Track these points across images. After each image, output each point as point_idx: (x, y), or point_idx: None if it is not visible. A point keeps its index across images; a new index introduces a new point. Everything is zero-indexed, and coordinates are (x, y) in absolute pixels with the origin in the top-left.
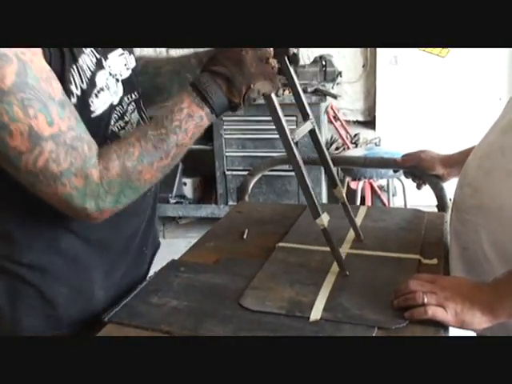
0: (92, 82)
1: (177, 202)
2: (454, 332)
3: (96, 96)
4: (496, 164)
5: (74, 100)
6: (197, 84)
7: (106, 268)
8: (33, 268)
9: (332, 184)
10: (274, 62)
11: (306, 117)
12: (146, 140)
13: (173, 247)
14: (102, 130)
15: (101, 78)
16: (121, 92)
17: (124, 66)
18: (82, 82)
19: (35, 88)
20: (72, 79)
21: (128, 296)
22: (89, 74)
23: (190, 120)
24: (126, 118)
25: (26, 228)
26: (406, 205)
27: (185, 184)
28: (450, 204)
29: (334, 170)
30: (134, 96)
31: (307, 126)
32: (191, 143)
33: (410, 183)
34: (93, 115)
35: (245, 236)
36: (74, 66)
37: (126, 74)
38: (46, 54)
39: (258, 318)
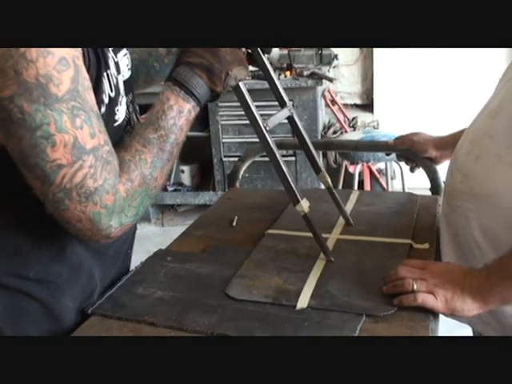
0: (117, 89)
1: (175, 190)
2: (444, 321)
3: (120, 103)
4: (485, 149)
5: (103, 109)
6: (178, 78)
7: (101, 275)
8: (39, 282)
9: (315, 170)
10: (243, 48)
11: (282, 104)
12: (151, 145)
13: (171, 235)
14: (120, 138)
15: (121, 84)
16: (125, 94)
17: (126, 66)
18: (112, 90)
19: (82, 97)
20: (103, 88)
21: (113, 287)
22: (114, 80)
23: (181, 116)
24: (132, 122)
25: (34, 239)
26: (404, 188)
27: (182, 171)
28: (442, 187)
29: (332, 154)
30: (131, 97)
31: (283, 114)
32: (185, 135)
33: (408, 166)
34: (115, 124)
35: (234, 223)
36: (105, 74)
37: (127, 74)
38: (85, 61)
39: (243, 307)
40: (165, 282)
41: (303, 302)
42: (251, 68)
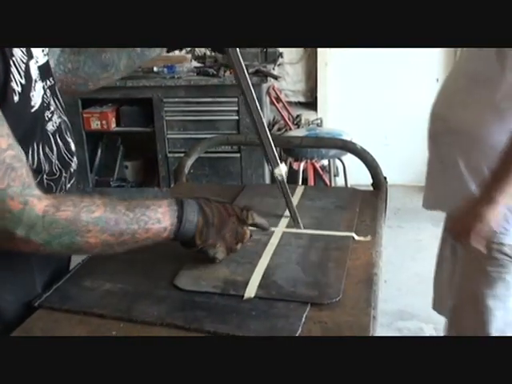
0: (28, 75)
1: (118, 186)
2: (383, 313)
3: (34, 89)
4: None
5: (16, 98)
6: (184, 204)
7: (39, 268)
8: None
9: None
10: (241, 244)
11: None
12: (112, 210)
13: None
14: (40, 123)
15: (33, 69)
16: (40, 79)
17: (41, 51)
18: (21, 77)
19: None
20: (13, 76)
21: (60, 280)
22: (23, 66)
23: (156, 224)
24: (51, 107)
25: None
26: (346, 184)
27: (126, 167)
28: (384, 182)
29: (277, 150)
30: (49, 82)
31: None
32: (141, 243)
33: (350, 163)
34: (32, 110)
35: None
36: (11, 61)
37: (43, 60)
38: None
39: (192, 297)
40: (113, 274)
41: (250, 291)
42: (197, 64)
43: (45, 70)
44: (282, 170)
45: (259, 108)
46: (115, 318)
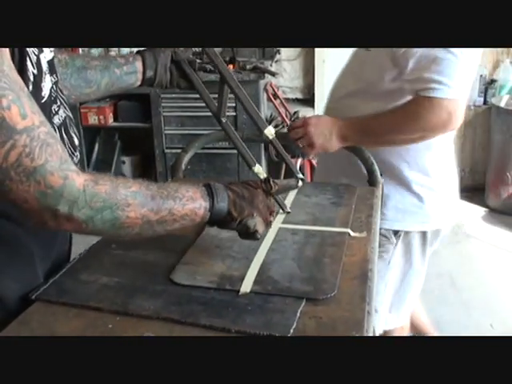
0: (39, 67)
1: None
2: None
3: (44, 80)
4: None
5: (31, 88)
6: (210, 184)
7: (42, 253)
8: None
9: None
10: (273, 217)
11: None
12: (147, 187)
13: None
14: (47, 115)
15: (43, 62)
16: (49, 73)
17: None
18: (33, 67)
19: (9, 76)
20: (27, 66)
21: (57, 273)
22: (35, 58)
23: (190, 202)
24: (58, 101)
25: None
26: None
27: (123, 162)
28: (380, 179)
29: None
30: (54, 79)
31: None
32: (179, 224)
33: None
34: (42, 101)
35: None
36: (25, 51)
37: (50, 56)
38: None
39: (187, 292)
40: (110, 268)
41: (246, 286)
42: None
43: (51, 66)
44: (271, 130)
45: (234, 76)
46: (112, 312)
